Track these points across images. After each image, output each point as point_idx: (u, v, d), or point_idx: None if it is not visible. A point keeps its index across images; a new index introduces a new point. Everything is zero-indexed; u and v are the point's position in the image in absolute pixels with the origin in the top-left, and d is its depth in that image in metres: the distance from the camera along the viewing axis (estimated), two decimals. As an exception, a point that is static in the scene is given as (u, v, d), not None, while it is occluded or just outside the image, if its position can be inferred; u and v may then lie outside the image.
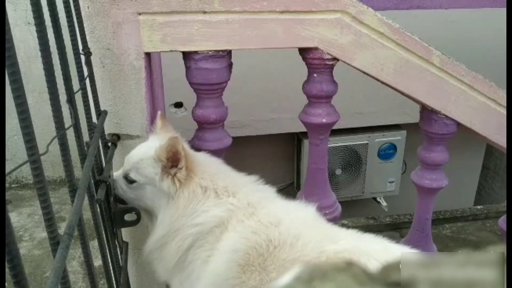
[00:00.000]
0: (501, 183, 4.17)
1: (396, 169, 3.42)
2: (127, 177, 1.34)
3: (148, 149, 1.34)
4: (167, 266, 1.36)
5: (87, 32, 1.27)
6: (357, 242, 1.21)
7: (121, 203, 1.40)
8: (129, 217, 1.38)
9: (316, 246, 1.19)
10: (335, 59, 1.53)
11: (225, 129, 1.63)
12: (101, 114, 1.32)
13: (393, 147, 3.33)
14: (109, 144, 1.40)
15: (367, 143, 3.27)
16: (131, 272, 1.58)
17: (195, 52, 1.42)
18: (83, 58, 1.18)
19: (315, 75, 1.57)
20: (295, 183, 3.53)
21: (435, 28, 2.88)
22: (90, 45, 1.26)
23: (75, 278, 2.52)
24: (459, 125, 1.70)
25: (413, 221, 2.03)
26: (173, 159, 1.29)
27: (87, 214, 0.97)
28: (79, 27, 1.18)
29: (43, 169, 0.66)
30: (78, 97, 0.99)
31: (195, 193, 1.30)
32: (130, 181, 1.34)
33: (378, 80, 1.58)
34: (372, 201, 3.57)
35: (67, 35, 0.94)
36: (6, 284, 0.53)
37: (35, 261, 2.68)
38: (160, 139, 1.37)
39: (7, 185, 3.54)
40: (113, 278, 1.22)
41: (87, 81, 1.19)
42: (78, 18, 1.16)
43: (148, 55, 1.44)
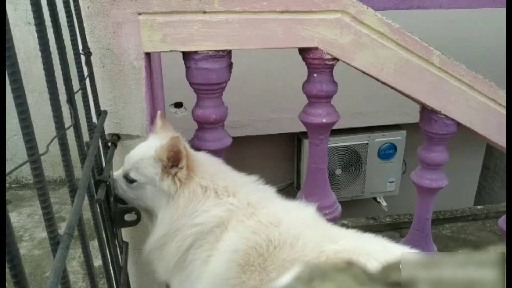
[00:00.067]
0: (501, 183, 4.17)
1: (396, 169, 3.42)
2: (127, 177, 1.34)
3: (148, 149, 1.34)
4: (167, 266, 1.36)
5: (87, 32, 1.27)
6: (357, 242, 1.21)
7: (121, 203, 1.40)
8: (129, 217, 1.38)
9: (316, 246, 1.19)
10: (335, 59, 1.53)
11: (225, 129, 1.63)
12: (101, 114, 1.32)
13: (393, 147, 3.33)
14: (109, 144, 1.40)
15: (367, 143, 3.27)
16: (131, 272, 1.58)
17: (195, 52, 1.43)
18: (83, 58, 1.18)
19: (315, 75, 1.57)
20: (295, 183, 3.53)
21: (435, 28, 2.88)
22: (90, 45, 1.26)
23: (75, 278, 2.52)
24: (459, 125, 1.70)
25: (413, 221, 2.03)
26: (174, 158, 1.29)
27: (87, 214, 0.97)
28: (79, 27, 1.18)
29: (43, 169, 0.66)
30: (78, 97, 0.99)
31: (195, 193, 1.30)
32: (130, 181, 1.34)
33: (378, 80, 1.58)
34: (372, 201, 3.57)
35: (67, 35, 0.94)
36: (6, 284, 0.53)
37: (35, 261, 2.68)
38: (160, 139, 1.37)
39: (7, 185, 3.54)
40: (113, 278, 1.22)
41: (87, 81, 1.19)
42: (78, 18, 1.16)
43: (148, 55, 1.44)
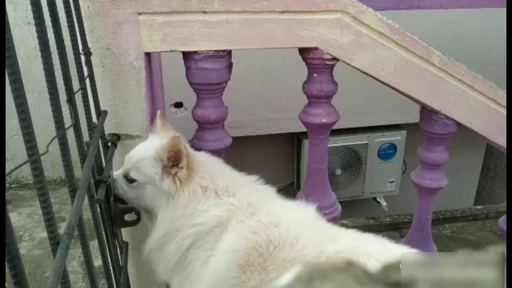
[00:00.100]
0: (501, 183, 4.17)
1: (396, 169, 3.42)
2: (127, 177, 1.34)
3: (148, 149, 1.34)
4: (167, 265, 1.36)
5: (87, 32, 1.27)
6: (357, 242, 1.21)
7: (121, 203, 1.40)
8: (129, 217, 1.38)
9: (316, 246, 1.19)
10: (335, 59, 1.53)
11: (225, 129, 1.63)
12: (101, 114, 1.32)
13: (393, 147, 3.33)
14: (109, 144, 1.40)
15: (367, 143, 3.27)
16: (131, 272, 1.58)
17: (195, 52, 1.43)
18: (83, 58, 1.18)
19: (315, 75, 1.57)
20: (295, 183, 3.53)
21: (435, 28, 2.88)
22: (90, 45, 1.26)
23: (75, 278, 2.52)
24: (459, 125, 1.70)
25: (413, 221, 2.03)
26: (174, 158, 1.29)
27: (87, 214, 0.97)
28: (79, 27, 1.18)
29: (43, 169, 0.66)
30: (78, 97, 0.99)
31: (195, 193, 1.30)
32: (130, 180, 1.34)
33: (378, 80, 1.58)
34: (372, 201, 3.57)
35: (67, 35, 0.94)
36: (6, 284, 0.53)
37: (35, 261, 2.68)
38: (160, 138, 1.37)
39: (7, 185, 3.54)
40: (113, 278, 1.22)
41: (87, 81, 1.19)
42: (78, 18, 1.16)
43: (148, 55, 1.44)
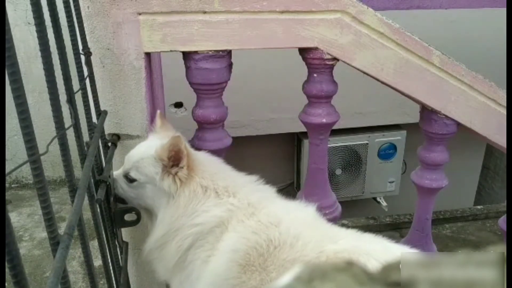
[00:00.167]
0: (501, 183, 4.17)
1: (396, 169, 3.42)
2: (128, 176, 1.34)
3: (148, 148, 1.34)
4: (167, 265, 1.36)
5: (87, 32, 1.27)
6: (357, 242, 1.21)
7: (121, 203, 1.40)
8: (129, 217, 1.38)
9: (316, 246, 1.19)
10: (335, 59, 1.53)
11: (225, 129, 1.63)
12: (101, 114, 1.32)
13: (393, 147, 3.33)
14: (109, 144, 1.40)
15: (367, 143, 3.27)
16: (131, 272, 1.58)
17: (195, 52, 1.43)
18: (83, 58, 1.18)
19: (315, 75, 1.57)
20: (295, 183, 3.53)
21: (435, 28, 2.88)
22: (90, 45, 1.26)
23: (75, 278, 2.52)
24: (459, 125, 1.70)
25: (413, 221, 2.03)
26: (174, 158, 1.29)
27: (87, 214, 0.97)
28: (79, 27, 1.18)
29: (43, 169, 0.66)
30: (78, 97, 0.99)
31: (195, 193, 1.30)
32: (130, 180, 1.34)
33: (378, 80, 1.58)
34: (372, 201, 3.57)
35: (67, 35, 0.94)
36: (6, 284, 0.53)
37: (35, 261, 2.68)
38: (160, 138, 1.37)
39: (7, 185, 3.54)
40: (113, 278, 1.22)
41: (87, 81, 1.19)
42: (78, 18, 1.16)
43: (148, 55, 1.44)
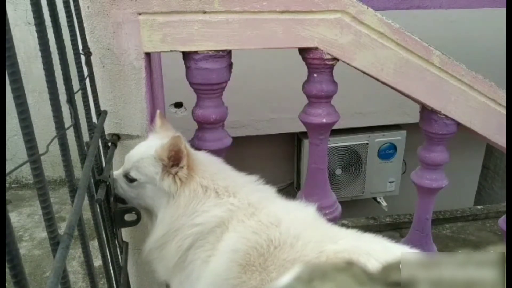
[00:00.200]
0: (501, 183, 4.17)
1: (396, 169, 3.42)
2: (128, 176, 1.34)
3: (148, 148, 1.34)
4: (167, 265, 1.36)
5: (87, 32, 1.27)
6: (357, 242, 1.21)
7: (121, 203, 1.40)
8: (129, 217, 1.38)
9: (316, 246, 1.19)
10: (335, 59, 1.53)
11: (225, 129, 1.63)
12: (101, 114, 1.32)
13: (393, 147, 3.33)
14: (109, 144, 1.40)
15: (367, 143, 3.27)
16: (131, 272, 1.58)
17: (195, 52, 1.43)
18: (83, 58, 1.18)
19: (315, 75, 1.57)
20: (295, 183, 3.53)
21: (435, 28, 2.88)
22: (90, 45, 1.26)
23: (75, 278, 2.52)
24: (459, 125, 1.70)
25: (413, 221, 2.03)
26: (175, 158, 1.29)
27: (87, 214, 0.97)
28: (79, 27, 1.18)
29: (43, 169, 0.66)
30: (78, 97, 0.99)
31: (196, 193, 1.30)
32: (130, 180, 1.34)
33: (378, 80, 1.58)
34: (372, 201, 3.57)
35: (67, 35, 0.94)
36: (6, 284, 0.53)
37: (35, 261, 2.68)
38: (160, 138, 1.37)
39: (7, 185, 3.54)
40: (113, 278, 1.22)
41: (87, 81, 1.19)
42: (78, 18, 1.16)
43: (148, 55, 1.44)
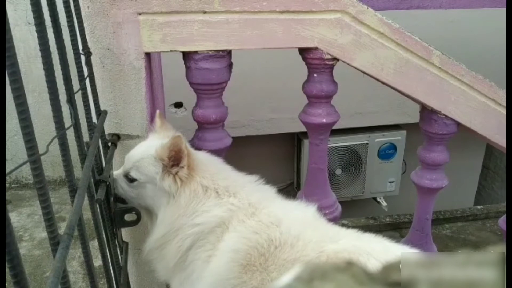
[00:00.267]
0: (501, 183, 4.17)
1: (396, 169, 3.42)
2: (128, 176, 1.34)
3: (148, 148, 1.34)
4: (167, 265, 1.36)
5: (87, 32, 1.27)
6: (357, 241, 1.21)
7: (121, 203, 1.40)
8: (129, 217, 1.38)
9: (316, 246, 1.19)
10: (335, 59, 1.53)
11: (225, 129, 1.63)
12: (101, 114, 1.32)
13: (393, 147, 3.33)
14: (109, 144, 1.40)
15: (367, 143, 3.27)
16: (131, 272, 1.58)
17: (195, 52, 1.43)
18: (83, 58, 1.18)
19: (315, 75, 1.57)
20: (295, 183, 3.53)
21: (435, 28, 2.88)
22: (90, 45, 1.26)
23: (75, 278, 2.52)
24: (459, 125, 1.70)
25: (413, 221, 2.03)
26: (175, 157, 1.29)
27: (87, 214, 0.97)
28: (79, 27, 1.18)
29: (43, 169, 0.66)
30: (78, 97, 0.99)
31: (196, 192, 1.30)
32: (130, 180, 1.34)
33: (378, 80, 1.58)
34: (372, 201, 3.57)
35: (67, 35, 0.94)
36: (6, 284, 0.53)
37: (35, 261, 2.68)
38: (160, 138, 1.37)
39: (7, 185, 3.54)
40: (113, 278, 1.22)
41: (87, 81, 1.19)
42: (78, 18, 1.16)
43: (148, 55, 1.44)
